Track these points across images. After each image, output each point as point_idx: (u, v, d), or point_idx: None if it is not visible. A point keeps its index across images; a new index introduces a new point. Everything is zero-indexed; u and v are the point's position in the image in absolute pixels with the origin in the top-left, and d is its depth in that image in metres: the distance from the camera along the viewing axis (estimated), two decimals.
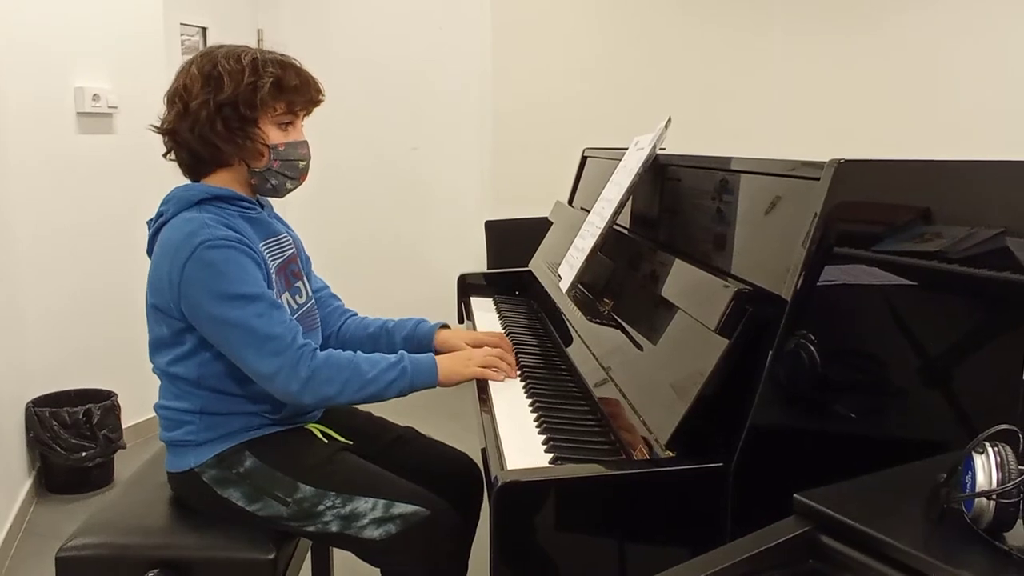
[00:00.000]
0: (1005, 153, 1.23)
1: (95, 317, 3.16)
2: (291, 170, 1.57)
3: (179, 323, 1.49)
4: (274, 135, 1.54)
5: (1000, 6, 3.20)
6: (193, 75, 1.50)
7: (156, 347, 1.55)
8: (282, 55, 1.56)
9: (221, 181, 1.55)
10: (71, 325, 3.09)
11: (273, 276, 1.54)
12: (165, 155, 1.59)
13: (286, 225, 1.73)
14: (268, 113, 1.52)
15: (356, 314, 1.88)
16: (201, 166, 1.56)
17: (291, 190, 1.61)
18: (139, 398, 3.12)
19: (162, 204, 1.54)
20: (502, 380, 1.63)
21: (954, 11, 3.28)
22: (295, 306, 1.62)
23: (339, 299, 1.89)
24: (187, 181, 1.59)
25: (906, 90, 3.39)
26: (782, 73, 3.69)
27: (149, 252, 1.55)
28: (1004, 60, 3.19)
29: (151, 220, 1.57)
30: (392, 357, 1.57)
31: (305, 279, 1.70)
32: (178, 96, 1.51)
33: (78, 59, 3.05)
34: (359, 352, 1.57)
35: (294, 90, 1.53)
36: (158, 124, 1.56)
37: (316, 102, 1.60)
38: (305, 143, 1.59)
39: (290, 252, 1.65)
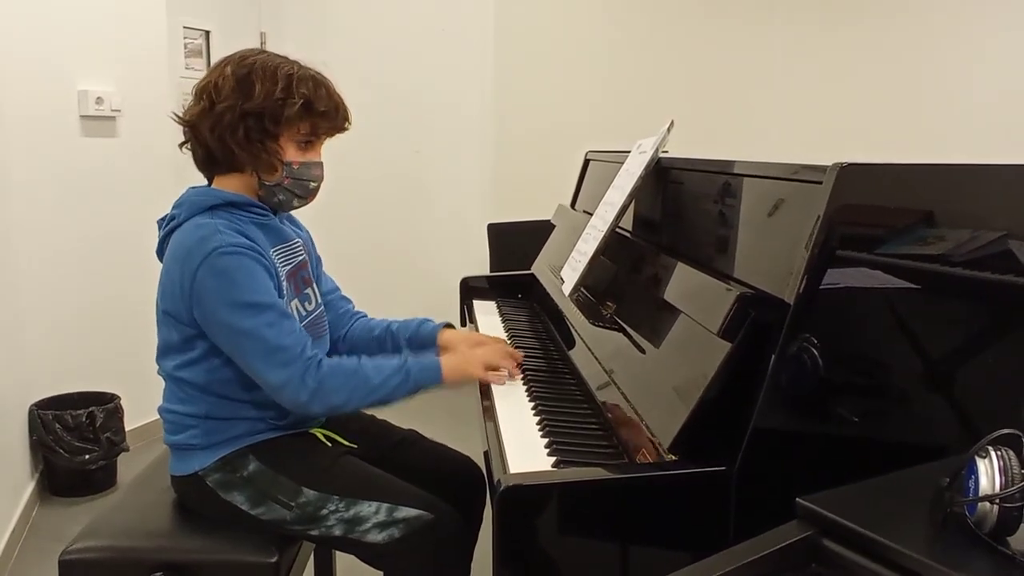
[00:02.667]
0: (1009, 156, 1.23)
1: (98, 320, 3.17)
2: (300, 189, 1.56)
3: (190, 329, 1.49)
4: (291, 152, 1.53)
5: (1002, 8, 3.19)
6: (226, 76, 1.49)
7: (165, 351, 1.55)
8: (320, 76, 1.55)
9: (232, 184, 1.55)
10: (74, 328, 3.09)
11: (283, 283, 1.54)
12: (181, 145, 1.57)
13: (297, 225, 1.73)
14: (291, 131, 1.51)
15: (364, 315, 1.89)
16: (214, 165, 1.55)
17: (297, 207, 1.61)
18: (142, 401, 3.12)
19: (174, 207, 1.54)
20: (503, 384, 1.63)
21: (957, 13, 3.28)
22: (304, 312, 1.62)
23: (350, 301, 1.89)
24: (191, 182, 1.59)
25: (911, 92, 3.38)
26: (785, 74, 3.68)
27: (159, 253, 1.55)
28: (1007, 63, 3.19)
29: (161, 220, 1.56)
30: (395, 361, 1.57)
31: (315, 285, 1.69)
32: (207, 93, 1.50)
33: (81, 62, 3.06)
34: (364, 358, 1.57)
35: (322, 115, 1.52)
36: (179, 114, 1.54)
37: (342, 129, 1.59)
38: (320, 164, 1.58)
39: (300, 258, 1.64)
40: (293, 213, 1.72)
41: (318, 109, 1.51)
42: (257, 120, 1.48)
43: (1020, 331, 1.20)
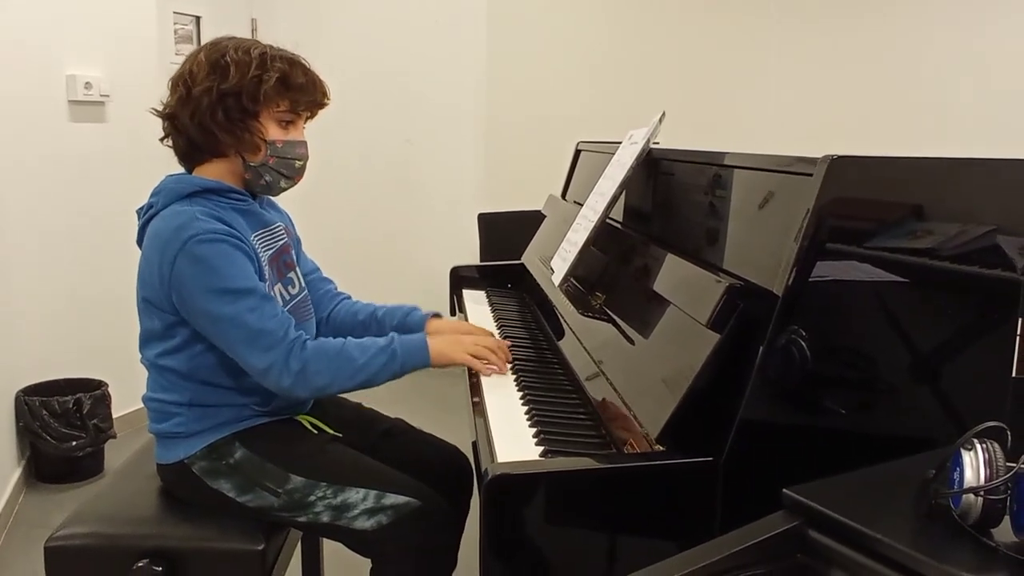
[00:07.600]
0: (1000, 150, 1.24)
1: (86, 306, 3.15)
2: (286, 168, 1.56)
3: (171, 317, 1.48)
4: (273, 131, 1.53)
5: (996, 4, 3.20)
6: (200, 62, 1.50)
7: (147, 339, 1.55)
8: (292, 54, 1.56)
9: (215, 172, 1.54)
10: (62, 314, 3.08)
11: (265, 268, 1.54)
12: (162, 139, 1.58)
13: (277, 209, 1.72)
14: (270, 108, 1.51)
15: (349, 297, 1.88)
16: (196, 154, 1.55)
17: (284, 189, 1.60)
18: (130, 388, 3.11)
19: (152, 195, 1.53)
20: (488, 376, 1.62)
21: (951, 8, 3.28)
22: (288, 297, 1.61)
23: (331, 281, 1.88)
24: (180, 169, 1.58)
25: (903, 85, 3.39)
26: (777, 66, 3.68)
27: (139, 242, 1.54)
28: (1000, 58, 3.19)
29: (140, 209, 1.56)
30: (382, 341, 1.57)
31: (297, 269, 1.69)
32: (182, 81, 1.51)
33: (70, 47, 3.03)
34: (349, 338, 1.56)
35: (299, 89, 1.53)
36: (158, 108, 1.55)
37: (320, 104, 1.59)
38: (304, 143, 1.58)
39: (282, 242, 1.64)
40: (273, 197, 1.72)
41: (295, 83, 1.52)
42: (235, 99, 1.48)
43: (1007, 324, 1.21)
